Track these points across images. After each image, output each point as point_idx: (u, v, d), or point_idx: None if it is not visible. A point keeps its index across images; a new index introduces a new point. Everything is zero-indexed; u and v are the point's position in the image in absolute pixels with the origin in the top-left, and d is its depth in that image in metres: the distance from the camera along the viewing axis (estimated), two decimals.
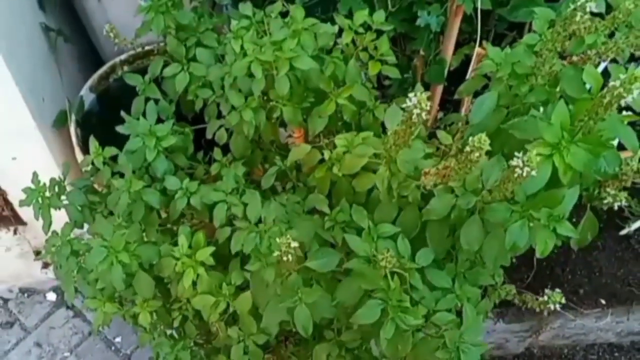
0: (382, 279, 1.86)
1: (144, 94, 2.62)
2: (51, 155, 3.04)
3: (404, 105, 1.68)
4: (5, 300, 4.26)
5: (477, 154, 1.61)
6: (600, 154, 1.72)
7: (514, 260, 3.23)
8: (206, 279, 2.18)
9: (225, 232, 2.26)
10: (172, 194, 2.35)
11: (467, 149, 1.61)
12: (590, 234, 2.07)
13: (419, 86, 2.35)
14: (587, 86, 1.82)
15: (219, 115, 2.50)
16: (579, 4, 1.75)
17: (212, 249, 2.17)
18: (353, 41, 2.32)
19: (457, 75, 2.93)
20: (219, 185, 2.32)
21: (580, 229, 2.04)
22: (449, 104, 3.31)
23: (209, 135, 2.53)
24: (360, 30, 2.30)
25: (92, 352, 4.08)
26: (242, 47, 2.20)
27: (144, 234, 2.37)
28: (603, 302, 3.52)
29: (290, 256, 1.81)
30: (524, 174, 1.58)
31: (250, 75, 2.15)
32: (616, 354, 3.97)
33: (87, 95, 3.10)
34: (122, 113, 2.53)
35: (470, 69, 2.77)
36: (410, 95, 1.65)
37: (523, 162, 1.58)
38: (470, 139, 1.59)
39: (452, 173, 1.72)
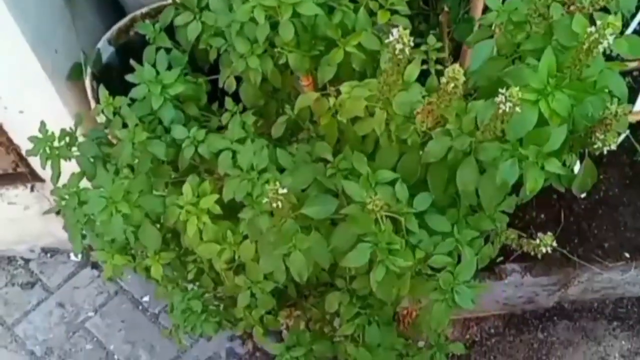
0: (374, 223, 1.96)
1: (154, 43, 2.70)
2: (66, 109, 3.10)
3: (386, 41, 1.77)
4: (27, 261, 4.37)
5: (452, 85, 1.72)
6: (583, 99, 1.84)
7: (542, 215, 3.30)
8: (211, 227, 2.27)
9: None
10: (181, 143, 2.41)
11: (443, 80, 1.71)
12: (590, 180, 2.15)
13: (431, 37, 2.44)
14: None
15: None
16: None
17: (216, 196, 2.25)
18: None
19: None
20: (226, 134, 2.40)
21: (581, 174, 2.12)
22: None
23: (220, 84, 2.60)
24: None
25: (118, 311, 4.19)
26: None
27: (153, 187, 2.42)
28: (627, 255, 3.62)
29: (280, 203, 1.90)
30: (507, 110, 1.70)
31: (255, 21, 2.21)
32: None
33: (105, 48, 3.15)
34: (132, 62, 2.60)
35: None
36: (393, 30, 1.74)
37: (505, 97, 1.69)
38: (445, 70, 1.70)
39: (435, 107, 1.81)
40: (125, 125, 2.50)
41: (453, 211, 2.21)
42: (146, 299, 4.22)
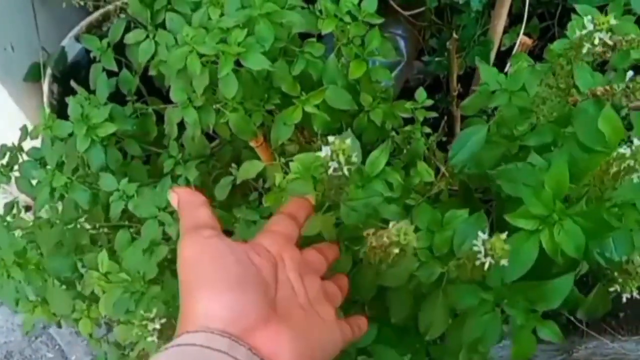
0: None
1: (101, 61, 2.18)
2: (23, 114, 2.70)
3: (318, 153, 1.20)
4: None
5: (395, 250, 1.14)
6: (601, 236, 1.26)
7: None
8: None
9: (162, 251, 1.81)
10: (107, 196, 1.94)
11: (385, 239, 1.14)
12: (602, 308, 1.60)
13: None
14: None
15: None
16: (584, 32, 1.24)
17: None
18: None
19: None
20: (158, 192, 1.90)
21: (590, 302, 1.57)
22: None
23: (166, 130, 2.04)
24: (348, 19, 1.78)
25: None
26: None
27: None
28: None
29: None
30: (486, 266, 1.13)
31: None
32: None
33: (72, 46, 2.68)
34: (72, 83, 2.20)
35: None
36: (330, 138, 1.18)
37: (485, 250, 1.13)
38: (392, 224, 1.14)
39: (382, 255, 1.25)
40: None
41: (409, 340, 1.63)
42: None
